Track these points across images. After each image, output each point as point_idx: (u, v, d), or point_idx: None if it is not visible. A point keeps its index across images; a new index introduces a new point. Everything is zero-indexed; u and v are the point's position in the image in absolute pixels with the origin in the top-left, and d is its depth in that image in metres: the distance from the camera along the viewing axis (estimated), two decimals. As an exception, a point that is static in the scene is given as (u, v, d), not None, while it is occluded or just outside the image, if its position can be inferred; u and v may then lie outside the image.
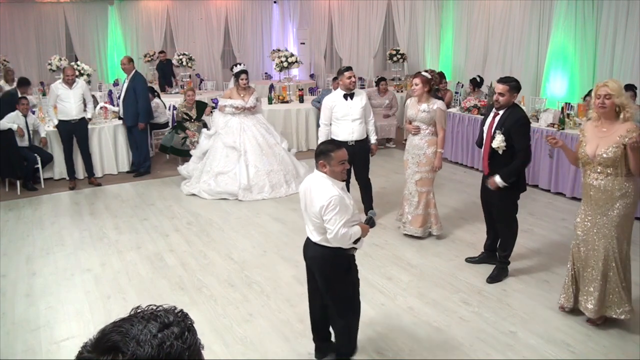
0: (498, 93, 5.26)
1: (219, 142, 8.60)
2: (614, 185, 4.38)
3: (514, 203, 5.47)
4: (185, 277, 5.76)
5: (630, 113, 4.31)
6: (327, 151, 3.78)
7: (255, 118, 8.77)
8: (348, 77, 6.68)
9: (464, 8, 12.87)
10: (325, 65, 16.88)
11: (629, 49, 9.31)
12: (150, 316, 1.29)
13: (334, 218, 3.65)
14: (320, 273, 3.94)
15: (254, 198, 8.26)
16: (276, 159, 8.65)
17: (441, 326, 4.77)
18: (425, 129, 6.33)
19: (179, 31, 17.35)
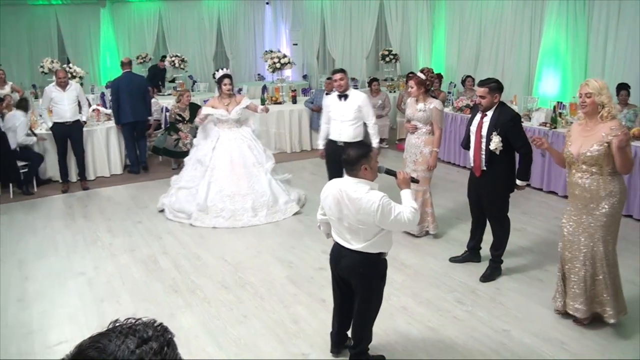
0: (479, 96, 5.29)
1: (193, 154, 7.80)
2: (599, 185, 4.38)
3: (505, 201, 5.51)
4: (179, 279, 5.76)
5: (607, 112, 4.31)
6: (366, 153, 3.74)
7: (240, 131, 7.68)
8: (334, 80, 6.76)
9: (456, 8, 12.89)
10: (318, 66, 16.88)
11: (621, 48, 9.34)
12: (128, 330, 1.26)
13: (395, 210, 3.65)
14: (361, 280, 3.87)
15: (207, 224, 7.17)
16: (248, 181, 7.43)
17: (435, 326, 4.78)
18: (422, 128, 6.38)
19: (171, 33, 17.34)
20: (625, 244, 6.39)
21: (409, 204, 3.78)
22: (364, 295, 3.93)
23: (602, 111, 4.34)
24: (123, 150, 10.02)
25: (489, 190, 5.43)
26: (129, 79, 9.94)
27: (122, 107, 9.63)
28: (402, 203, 3.82)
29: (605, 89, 4.35)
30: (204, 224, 7.19)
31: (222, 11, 17.68)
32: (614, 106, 4.37)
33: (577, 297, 4.62)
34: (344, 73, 6.80)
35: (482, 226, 5.83)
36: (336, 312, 4.24)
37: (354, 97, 6.77)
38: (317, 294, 5.34)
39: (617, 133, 4.22)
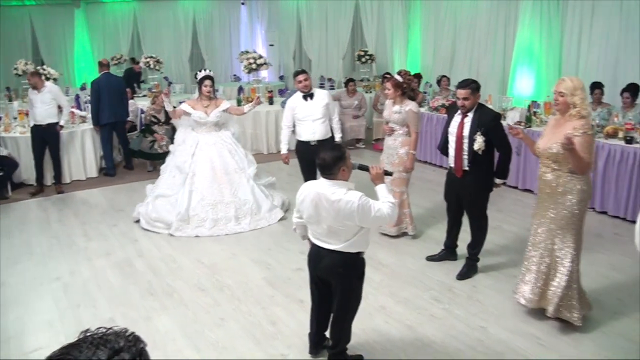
0: (462, 98, 5.30)
1: (172, 160, 7.43)
2: (558, 181, 4.47)
3: (486, 200, 5.58)
4: (155, 282, 5.72)
5: (577, 112, 4.37)
6: (342, 156, 3.73)
7: (220, 136, 7.38)
8: (299, 81, 6.77)
9: (431, 8, 12.96)
10: (295, 66, 16.83)
11: (594, 48, 9.47)
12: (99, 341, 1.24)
13: (374, 207, 3.68)
14: (341, 281, 3.89)
15: (189, 234, 6.88)
16: (231, 188, 7.16)
17: (413, 324, 4.82)
18: (399, 130, 6.42)
19: (146, 34, 17.22)
20: (600, 240, 6.52)
21: (386, 199, 3.81)
22: (343, 295, 3.94)
23: (571, 110, 4.41)
24: (98, 152, 9.93)
25: (471, 190, 5.48)
26: (108, 79, 9.93)
27: (101, 108, 9.59)
28: (378, 198, 3.84)
29: (579, 90, 4.40)
30: (185, 233, 6.88)
31: (198, 12, 17.59)
32: (586, 107, 4.41)
33: (530, 287, 4.73)
34: (307, 74, 6.83)
35: (458, 225, 5.89)
36: (314, 314, 4.25)
37: (319, 95, 6.83)
38: (294, 294, 5.34)
39: (579, 133, 4.28)
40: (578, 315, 4.56)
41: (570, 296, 4.58)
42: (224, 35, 18.18)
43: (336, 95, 11.64)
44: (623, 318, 4.81)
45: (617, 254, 6.09)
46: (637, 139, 7.08)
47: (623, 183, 7.10)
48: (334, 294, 3.98)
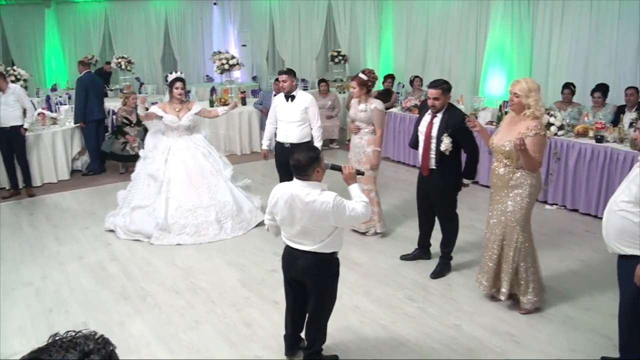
0: (433, 98, 5.35)
1: (144, 169, 7.13)
2: (509, 176, 4.66)
3: (454, 199, 5.65)
4: (129, 286, 5.66)
5: (531, 112, 4.52)
6: (317, 157, 3.73)
7: (192, 139, 7.17)
8: (276, 80, 6.74)
9: (403, 9, 13.03)
10: (268, 67, 16.84)
11: (565, 48, 9.60)
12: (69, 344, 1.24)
13: (348, 207, 3.70)
14: (316, 281, 3.89)
15: (170, 242, 6.62)
16: (209, 191, 6.94)
17: (387, 323, 4.84)
18: (365, 128, 6.48)
19: (117, 34, 17.06)
20: (571, 238, 6.63)
21: (360, 198, 3.84)
22: (319, 296, 3.95)
23: (526, 111, 4.56)
24: (70, 154, 9.79)
25: (438, 189, 5.55)
26: (92, 78, 10.14)
27: (90, 105, 9.69)
28: (351, 198, 3.87)
29: (534, 92, 4.55)
30: (166, 241, 6.64)
31: (170, 12, 17.47)
32: (539, 108, 4.57)
33: (484, 274, 4.97)
34: (287, 75, 6.71)
35: (430, 224, 5.95)
36: (289, 315, 4.24)
37: (301, 98, 6.74)
38: (269, 296, 5.33)
39: (531, 133, 4.45)
40: (531, 299, 4.83)
41: (526, 281, 4.82)
42: (196, 35, 18.09)
43: (310, 96, 11.66)
44: (595, 314, 4.89)
45: (588, 251, 6.18)
46: (607, 138, 7.21)
47: (594, 181, 7.22)
48: (309, 294, 3.98)
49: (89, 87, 9.72)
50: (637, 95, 7.77)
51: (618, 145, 7.05)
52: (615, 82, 8.63)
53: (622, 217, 3.57)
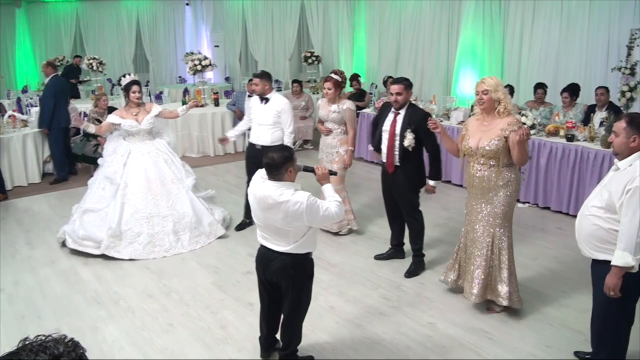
0: (395, 94, 5.45)
1: (101, 172, 6.75)
2: (496, 176, 4.63)
3: (417, 195, 5.71)
4: (101, 290, 5.59)
5: (504, 107, 4.56)
6: (290, 156, 3.72)
7: (154, 144, 6.79)
8: (252, 84, 6.74)
9: (376, 9, 13.08)
10: (241, 68, 16.80)
11: (536, 48, 9.73)
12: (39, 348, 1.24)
13: (322, 207, 3.70)
14: (292, 282, 3.88)
15: (121, 254, 6.20)
16: (168, 200, 6.53)
17: (362, 323, 4.85)
18: (337, 129, 6.53)
19: (89, 34, 16.88)
20: (543, 235, 6.72)
21: (333, 198, 3.84)
22: (294, 297, 3.94)
23: (498, 107, 4.58)
24: (41, 157, 9.64)
25: (401, 185, 5.61)
26: (61, 82, 9.79)
27: (57, 112, 9.37)
28: (325, 198, 3.87)
29: (501, 86, 4.61)
30: (119, 254, 6.20)
31: (141, 12, 17.36)
32: (509, 102, 4.62)
33: (475, 283, 4.85)
34: (260, 78, 6.57)
35: (399, 222, 5.99)
36: (264, 317, 4.23)
37: (275, 101, 6.65)
38: (244, 298, 5.30)
39: (515, 128, 4.48)
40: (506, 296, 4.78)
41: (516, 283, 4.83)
42: (168, 36, 17.99)
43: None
44: (568, 310, 4.96)
45: (560, 248, 6.26)
46: (577, 137, 7.31)
47: (565, 179, 7.32)
48: (284, 296, 3.97)
49: (58, 93, 9.42)
50: (607, 95, 7.89)
51: (589, 144, 7.15)
52: (585, 81, 8.77)
53: (593, 223, 3.60)
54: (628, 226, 3.36)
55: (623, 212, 3.39)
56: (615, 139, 3.54)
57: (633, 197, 3.35)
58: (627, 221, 3.36)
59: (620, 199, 3.41)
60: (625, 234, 3.37)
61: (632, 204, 3.35)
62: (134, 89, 6.62)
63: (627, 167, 3.48)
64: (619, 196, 3.42)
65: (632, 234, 3.35)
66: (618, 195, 3.42)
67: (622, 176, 3.47)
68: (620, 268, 3.43)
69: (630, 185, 3.37)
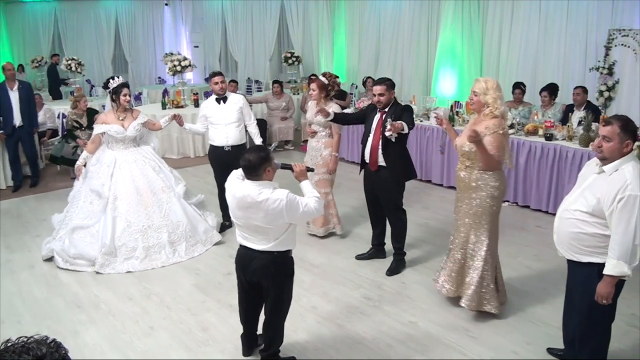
0: (378, 94, 5.50)
1: (86, 185, 6.31)
2: (470, 177, 4.66)
3: (400, 194, 5.74)
4: (82, 293, 5.54)
5: (489, 111, 4.55)
6: (267, 156, 3.74)
7: (140, 151, 6.45)
8: (215, 83, 6.65)
9: (355, 9, 13.11)
10: (221, 68, 16.72)
11: (514, 48, 9.81)
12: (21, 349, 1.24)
13: (301, 203, 3.73)
14: (272, 280, 3.89)
15: (118, 269, 5.91)
16: (161, 210, 6.24)
17: (344, 323, 4.86)
18: (322, 132, 6.49)
19: (67, 35, 16.73)
20: (523, 233, 6.78)
21: (312, 194, 3.88)
22: (276, 296, 3.95)
23: (485, 110, 4.60)
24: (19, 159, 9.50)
25: (385, 184, 5.64)
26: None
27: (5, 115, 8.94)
28: (303, 194, 3.90)
29: (492, 90, 4.56)
30: (115, 269, 5.91)
31: (120, 12, 17.23)
32: (498, 107, 4.56)
33: (448, 276, 4.94)
34: (223, 76, 6.75)
35: (381, 222, 6.03)
36: (243, 317, 4.24)
37: (234, 99, 6.73)
38: (225, 299, 5.29)
39: (491, 132, 4.47)
40: (495, 305, 4.77)
41: (485, 290, 4.77)
42: (147, 36, 17.87)
43: (263, 97, 11.64)
44: (548, 306, 5.01)
45: (540, 245, 6.32)
46: (556, 136, 7.39)
47: (544, 178, 7.39)
48: (266, 295, 3.98)
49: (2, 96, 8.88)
50: (584, 95, 7.97)
51: (567, 142, 7.23)
52: (564, 81, 8.87)
53: (577, 227, 3.57)
54: (622, 235, 3.33)
55: (615, 221, 3.36)
56: (607, 144, 3.44)
57: (626, 206, 3.31)
58: (622, 230, 3.33)
59: (610, 207, 3.36)
60: (619, 243, 3.35)
61: (625, 214, 3.31)
62: (124, 91, 6.25)
63: (613, 172, 3.43)
64: (609, 204, 3.37)
65: (626, 243, 3.33)
66: (608, 203, 3.37)
67: (611, 182, 3.41)
68: (614, 277, 3.42)
69: (622, 194, 3.32)
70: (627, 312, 4.88)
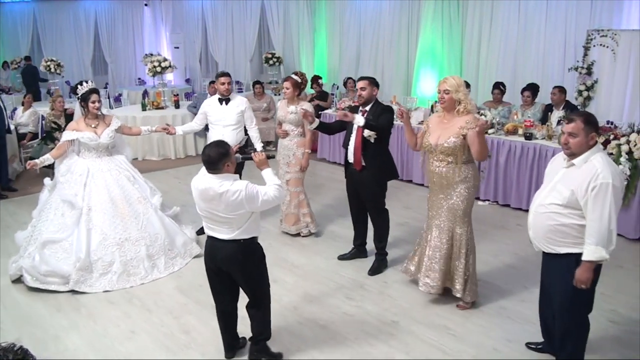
0: (360, 88, 5.58)
1: (55, 195, 5.95)
2: (454, 172, 4.75)
3: (383, 193, 5.78)
4: (62, 298, 5.47)
5: (464, 107, 4.69)
6: (226, 153, 3.87)
7: (114, 161, 6.11)
8: (221, 83, 6.60)
9: (336, 10, 13.12)
10: (201, 69, 16.66)
11: (494, 49, 9.88)
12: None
13: (260, 192, 3.87)
14: (241, 268, 4.01)
15: (93, 288, 5.53)
16: (138, 222, 5.90)
17: (326, 323, 4.88)
18: (294, 130, 6.53)
19: (46, 36, 16.57)
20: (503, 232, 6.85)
21: (272, 182, 4.02)
22: (248, 282, 4.08)
23: (458, 107, 4.70)
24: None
25: (368, 183, 5.66)
26: None
27: None
28: (265, 182, 4.03)
29: (462, 87, 4.72)
30: (91, 288, 5.54)
31: (99, 13, 17.07)
32: (469, 102, 4.74)
33: (429, 273, 4.98)
34: (230, 77, 6.74)
35: (363, 221, 6.06)
36: (220, 315, 4.29)
37: (236, 101, 6.70)
38: (206, 301, 5.23)
39: (472, 126, 4.59)
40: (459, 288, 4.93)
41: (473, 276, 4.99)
42: (127, 37, 17.73)
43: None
44: (528, 304, 5.04)
45: (520, 244, 6.36)
46: (536, 136, 7.46)
47: (524, 177, 7.47)
48: (240, 284, 4.12)
49: None
50: (561, 95, 8.03)
51: (546, 142, 7.32)
52: (543, 81, 8.95)
53: (553, 219, 3.68)
54: (598, 222, 3.46)
55: (590, 209, 3.49)
56: (573, 140, 3.58)
57: (599, 194, 3.45)
58: (597, 217, 3.46)
59: (585, 196, 3.49)
60: (597, 229, 3.47)
61: (598, 201, 3.45)
62: (93, 98, 5.86)
63: (583, 165, 3.56)
64: (583, 194, 3.50)
65: (602, 228, 3.46)
66: (582, 193, 3.50)
67: (582, 174, 3.54)
68: (592, 262, 3.54)
69: (594, 183, 3.46)
70: (608, 309, 4.97)
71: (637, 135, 6.52)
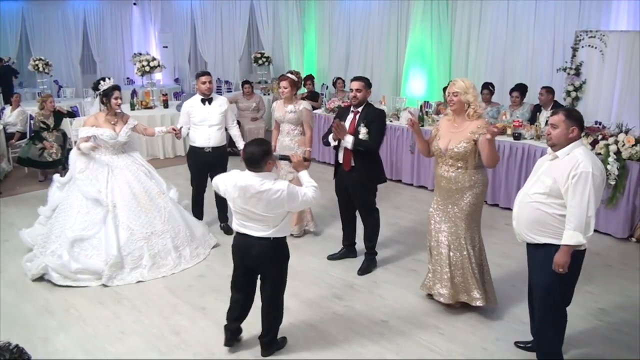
0: (355, 90, 5.57)
1: (74, 192, 5.94)
2: (464, 177, 4.69)
3: (374, 193, 5.79)
4: (52, 298, 5.45)
5: (474, 110, 4.65)
6: (269, 150, 3.97)
7: (130, 157, 6.20)
8: (202, 82, 6.57)
9: (325, 10, 13.14)
10: (190, 69, 16.63)
11: (483, 49, 9.93)
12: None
13: (300, 193, 4.01)
14: (274, 266, 4.16)
15: (127, 281, 5.64)
16: (160, 215, 6.02)
17: (316, 323, 4.88)
18: (294, 130, 6.49)
19: (34, 35, 16.46)
20: (492, 232, 6.87)
21: (309, 183, 4.15)
22: (275, 279, 4.21)
23: (468, 110, 4.66)
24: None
25: (358, 183, 5.67)
26: None
27: None
28: (302, 184, 4.16)
29: (472, 89, 4.67)
30: (123, 281, 5.63)
31: (88, 12, 16.97)
32: (479, 105, 4.71)
33: (442, 282, 4.91)
34: (210, 75, 6.73)
35: (352, 221, 6.07)
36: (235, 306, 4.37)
37: (219, 101, 6.70)
38: (197, 302, 5.27)
39: (484, 131, 4.52)
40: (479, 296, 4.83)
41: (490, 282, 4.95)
42: (116, 36, 17.64)
43: (233, 97, 11.58)
44: (517, 303, 5.08)
45: (509, 243, 6.38)
46: (524, 136, 7.51)
47: (512, 177, 7.51)
48: (265, 281, 4.22)
49: None
50: (548, 95, 8.09)
51: (535, 142, 7.36)
52: (531, 82, 9.01)
53: (536, 209, 3.78)
54: (577, 208, 3.58)
55: (570, 196, 3.60)
56: (554, 131, 3.74)
57: (579, 182, 3.57)
58: (577, 203, 3.58)
59: (565, 184, 3.62)
60: (576, 215, 3.59)
61: (578, 188, 3.57)
62: (116, 94, 5.94)
63: (566, 156, 3.69)
64: (564, 182, 3.62)
65: (581, 215, 3.58)
66: (563, 181, 3.63)
67: (564, 164, 3.67)
68: (570, 247, 3.63)
69: (575, 171, 3.59)
70: (595, 307, 5.03)
71: (625, 135, 6.59)
